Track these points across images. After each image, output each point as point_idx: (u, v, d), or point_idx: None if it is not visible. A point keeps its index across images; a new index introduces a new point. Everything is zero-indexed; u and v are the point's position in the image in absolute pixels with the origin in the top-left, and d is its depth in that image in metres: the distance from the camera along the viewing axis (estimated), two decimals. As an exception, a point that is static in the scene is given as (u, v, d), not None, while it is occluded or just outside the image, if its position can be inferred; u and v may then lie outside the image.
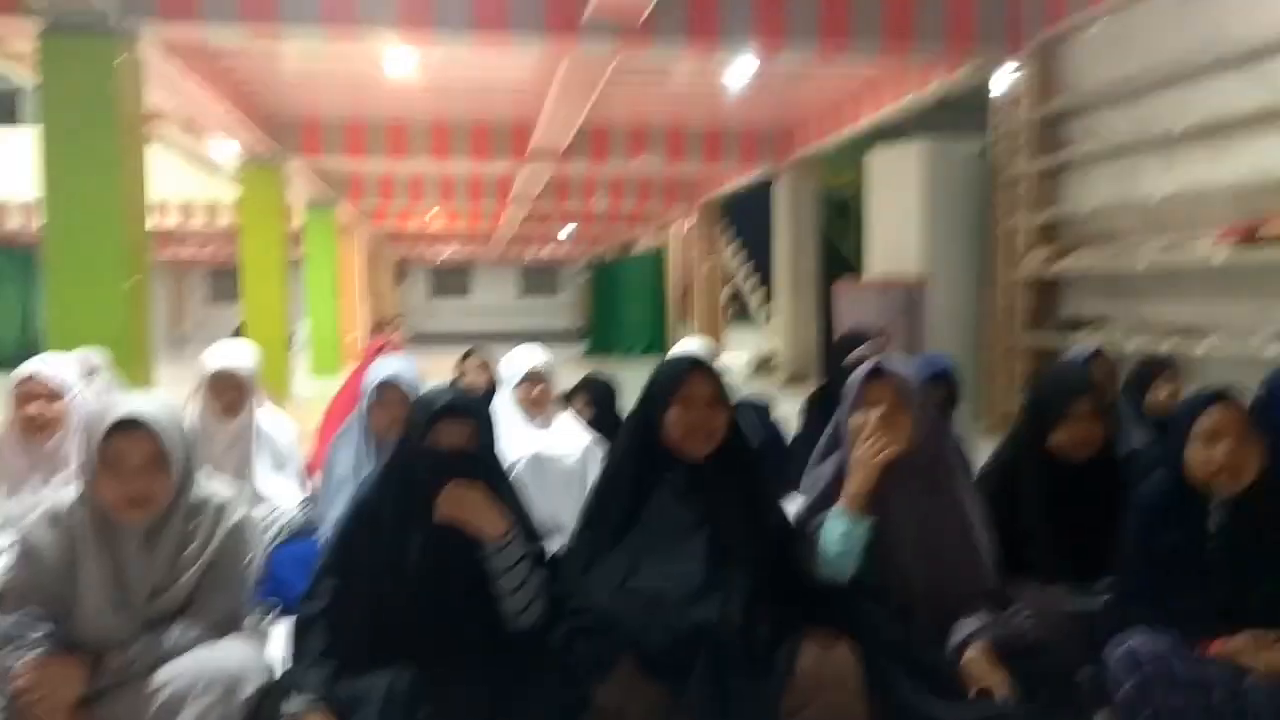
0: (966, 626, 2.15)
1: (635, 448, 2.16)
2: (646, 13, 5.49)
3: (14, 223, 14.69)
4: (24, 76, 7.18)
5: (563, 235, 19.87)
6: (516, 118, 9.70)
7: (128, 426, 1.83)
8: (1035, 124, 6.03)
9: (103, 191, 5.27)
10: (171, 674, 1.82)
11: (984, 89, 6.77)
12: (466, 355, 4.48)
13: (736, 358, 13.64)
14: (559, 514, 2.95)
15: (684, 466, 2.12)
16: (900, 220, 7.05)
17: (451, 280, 28.73)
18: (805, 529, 2.19)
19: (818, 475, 2.30)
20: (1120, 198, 5.43)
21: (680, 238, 17.30)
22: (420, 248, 23.83)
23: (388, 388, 3.10)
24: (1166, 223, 5.08)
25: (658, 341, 17.47)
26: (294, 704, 1.79)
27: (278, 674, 1.93)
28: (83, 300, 5.23)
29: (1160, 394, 3.36)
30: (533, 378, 3.45)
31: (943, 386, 3.19)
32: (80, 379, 3.02)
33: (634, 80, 7.93)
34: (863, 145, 9.86)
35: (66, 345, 5.03)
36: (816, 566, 2.12)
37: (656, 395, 2.14)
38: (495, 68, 7.75)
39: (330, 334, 13.18)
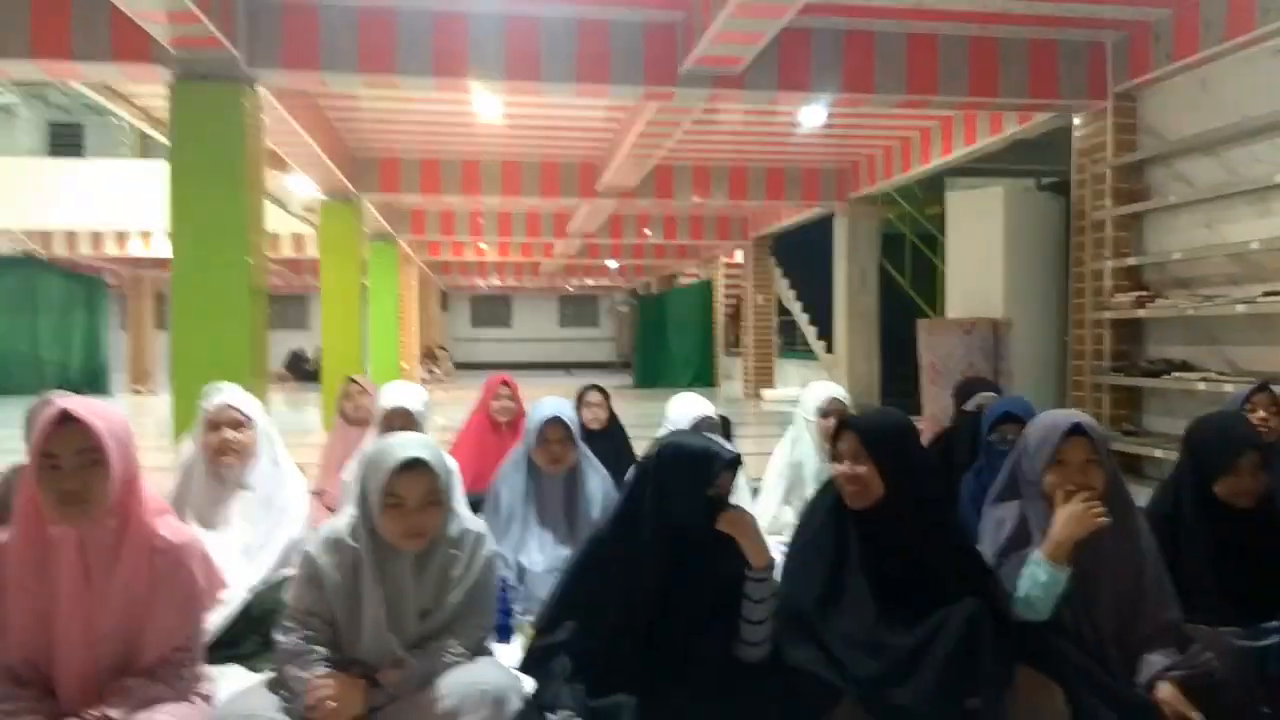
0: (1153, 664, 2.26)
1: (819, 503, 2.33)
2: (746, 62, 5.72)
3: (83, 250, 15.16)
4: (130, 117, 7.58)
5: (613, 266, 20.11)
6: (585, 157, 10.01)
7: (412, 466, 2.02)
8: (1119, 170, 6.18)
9: (227, 227, 5.55)
10: (441, 691, 2.00)
11: (1058, 130, 6.95)
12: (586, 390, 4.67)
13: (789, 392, 13.77)
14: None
15: (860, 519, 2.29)
16: (981, 260, 7.22)
17: (493, 310, 29.12)
18: (1001, 569, 2.34)
19: (999, 519, 2.44)
20: (1208, 242, 5.57)
21: (729, 271, 17.53)
22: (463, 277, 24.24)
23: (551, 425, 3.31)
24: (1261, 268, 5.22)
25: (705, 373, 17.65)
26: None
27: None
28: (207, 331, 5.49)
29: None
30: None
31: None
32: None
33: (700, 120, 8.16)
34: (929, 182, 10.09)
35: (191, 375, 5.36)
36: (1013, 607, 2.27)
37: None
38: (570, 108, 8.03)
39: (393, 362, 13.49)
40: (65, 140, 18.37)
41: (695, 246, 16.40)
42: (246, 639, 2.81)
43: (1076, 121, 6.58)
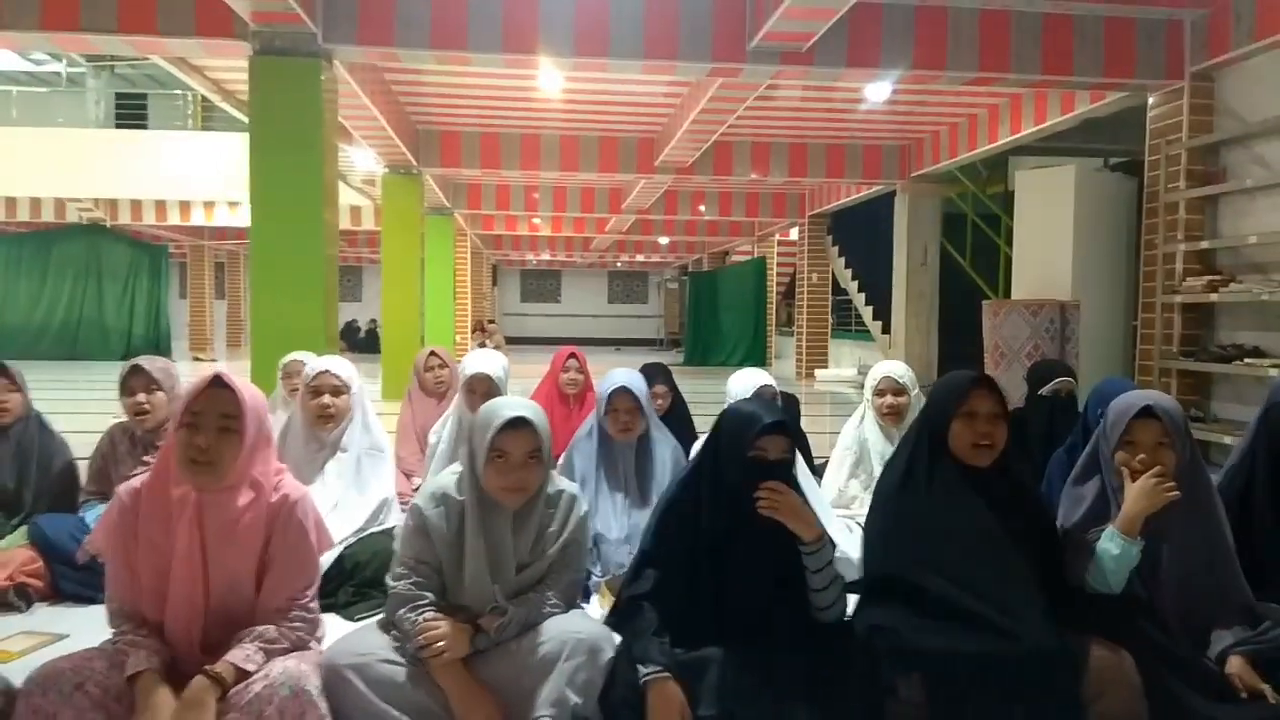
0: (1223, 639, 2.30)
1: (923, 456, 2.37)
2: (815, 38, 5.71)
3: (148, 219, 15.57)
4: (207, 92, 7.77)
5: (664, 242, 20.11)
6: (644, 133, 10.04)
7: (516, 425, 2.12)
8: (1194, 151, 6.07)
9: (304, 199, 5.69)
10: (540, 638, 2.11)
11: (1126, 109, 6.82)
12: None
13: (841, 372, 13.74)
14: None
15: (969, 474, 2.33)
16: (1050, 240, 7.14)
17: (543, 285, 29.31)
18: (1073, 541, 2.38)
19: (1078, 495, 2.48)
20: (1285, 227, 5.47)
21: (783, 248, 17.46)
22: (514, 252, 24.41)
23: (619, 395, 3.39)
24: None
25: (756, 352, 17.62)
26: (647, 672, 2.05)
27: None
28: (285, 299, 5.65)
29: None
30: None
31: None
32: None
33: (760, 96, 8.12)
34: (991, 160, 9.97)
35: (270, 341, 5.53)
36: (1087, 578, 2.31)
37: (942, 408, 2.36)
38: (631, 83, 8.05)
39: (448, 335, 13.69)
40: (130, 112, 18.77)
41: (749, 223, 16.35)
42: (340, 590, 2.97)
43: (1151, 101, 6.46)
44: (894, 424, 3.51)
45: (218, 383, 2.04)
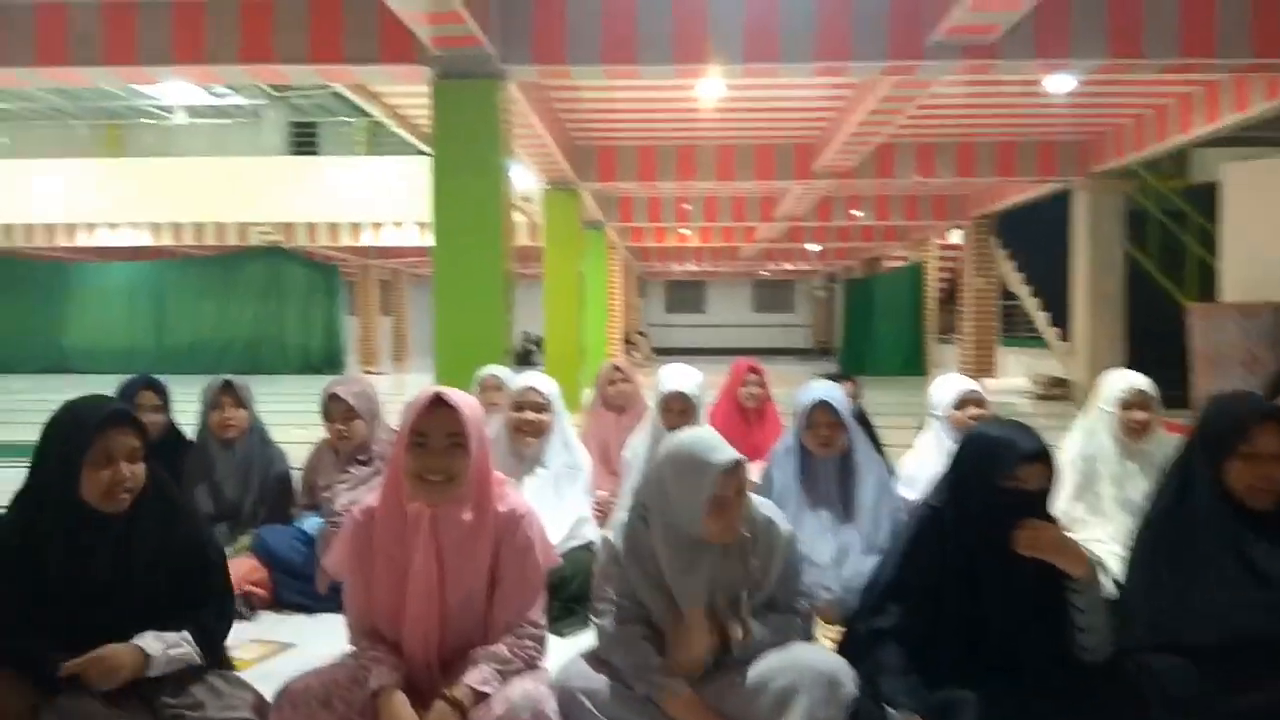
0: None
1: (1195, 493, 2.14)
2: (1003, 30, 5.41)
3: (322, 241, 16.49)
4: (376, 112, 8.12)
5: (814, 249, 19.73)
6: (803, 137, 9.84)
7: (732, 470, 2.06)
8: None
9: (484, 217, 5.82)
10: (773, 667, 2.01)
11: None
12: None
13: (1012, 382, 13.08)
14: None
15: (1244, 515, 2.09)
16: (1265, 238, 6.54)
17: (687, 296, 29.36)
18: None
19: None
20: None
21: (942, 253, 16.82)
22: (659, 263, 24.53)
23: (819, 409, 3.26)
24: None
25: (914, 361, 17.04)
26: (897, 715, 1.92)
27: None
28: (466, 314, 5.80)
29: None
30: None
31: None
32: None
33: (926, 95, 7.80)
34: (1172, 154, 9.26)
35: (453, 355, 5.68)
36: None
37: (1218, 442, 2.12)
38: (790, 88, 7.89)
39: (601, 348, 13.85)
40: (303, 140, 19.97)
41: (906, 228, 15.80)
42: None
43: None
44: (1140, 440, 3.24)
45: (439, 402, 2.04)
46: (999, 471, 2.03)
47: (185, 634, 2.03)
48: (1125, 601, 2.21)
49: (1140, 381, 3.27)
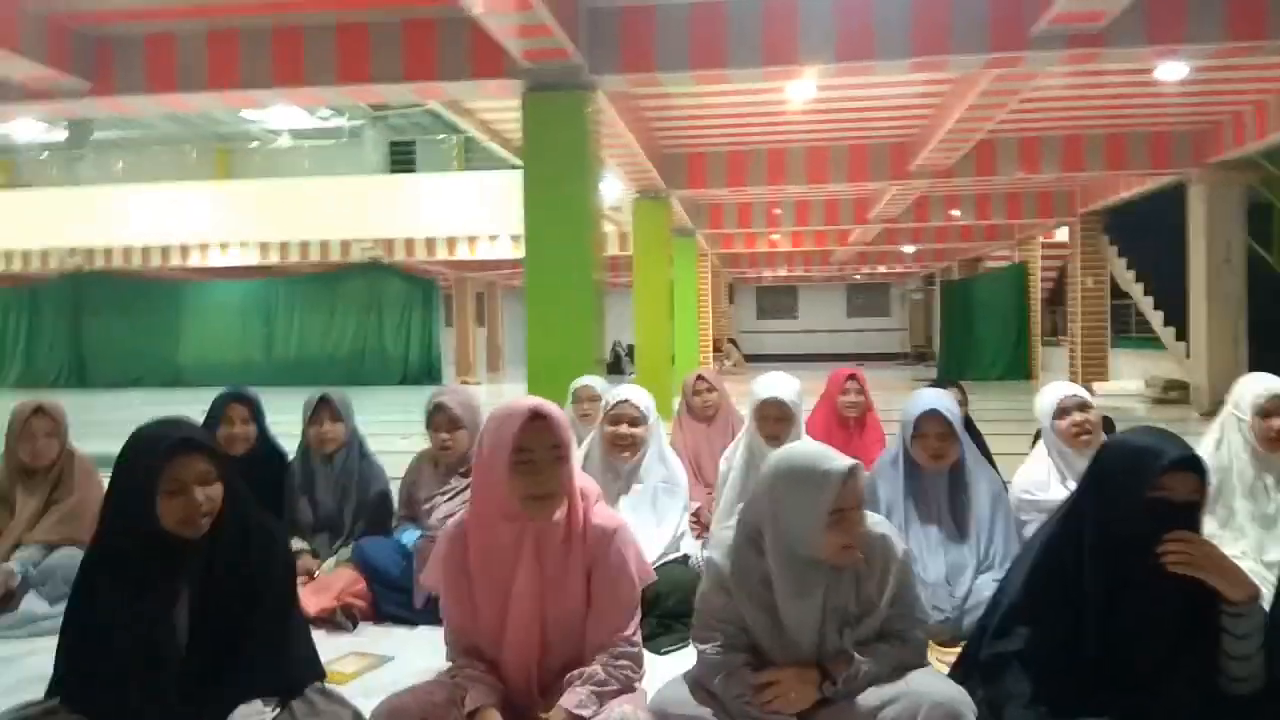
0: None
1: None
2: (1110, 17, 5.15)
3: (419, 255, 16.86)
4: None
5: (909, 251, 19.24)
6: (898, 137, 9.59)
7: (850, 477, 1.95)
8: None
9: (575, 228, 5.85)
10: (886, 696, 1.89)
11: None
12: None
13: (1125, 384, 12.46)
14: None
15: None
16: None
17: (779, 301, 29.02)
18: None
19: None
20: None
21: (1047, 251, 16.18)
22: (750, 269, 24.29)
23: (928, 418, 3.10)
24: None
25: (1018, 365, 16.44)
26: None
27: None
28: (558, 324, 5.82)
29: None
30: None
31: None
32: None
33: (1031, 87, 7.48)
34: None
35: (545, 365, 5.70)
36: None
37: None
38: (883, 86, 7.68)
39: (692, 355, 13.78)
40: (402, 158, 20.48)
41: (1009, 226, 15.25)
42: (643, 622, 2.88)
43: None
44: (1278, 450, 3.00)
45: (537, 415, 1.99)
46: (1144, 481, 1.87)
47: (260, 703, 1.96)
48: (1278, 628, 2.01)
49: (1278, 386, 3.02)
